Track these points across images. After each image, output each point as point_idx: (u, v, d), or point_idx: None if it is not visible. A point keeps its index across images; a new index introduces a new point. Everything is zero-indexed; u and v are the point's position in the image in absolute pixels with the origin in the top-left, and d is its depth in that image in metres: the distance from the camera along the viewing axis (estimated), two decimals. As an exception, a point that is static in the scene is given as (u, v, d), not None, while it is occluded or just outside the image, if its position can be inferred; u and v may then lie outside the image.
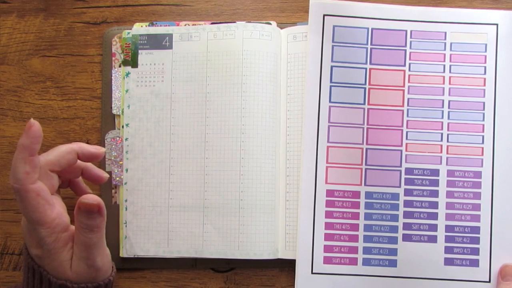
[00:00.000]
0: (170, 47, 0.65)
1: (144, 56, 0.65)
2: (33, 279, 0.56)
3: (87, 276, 0.56)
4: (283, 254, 0.63)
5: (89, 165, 0.61)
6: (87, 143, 0.66)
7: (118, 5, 0.67)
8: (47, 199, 0.54)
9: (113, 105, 0.65)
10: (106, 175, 0.62)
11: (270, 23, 0.65)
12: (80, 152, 0.58)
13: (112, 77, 0.66)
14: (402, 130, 0.63)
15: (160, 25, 0.66)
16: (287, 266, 0.63)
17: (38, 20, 0.68)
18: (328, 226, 0.62)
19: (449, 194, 0.62)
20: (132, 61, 0.65)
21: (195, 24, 0.66)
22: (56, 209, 0.55)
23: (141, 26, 0.66)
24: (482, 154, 0.62)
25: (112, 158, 0.65)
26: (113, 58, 0.66)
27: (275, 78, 0.64)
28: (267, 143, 0.63)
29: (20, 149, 0.52)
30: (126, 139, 0.65)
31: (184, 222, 0.63)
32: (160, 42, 0.65)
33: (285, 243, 0.63)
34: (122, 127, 0.65)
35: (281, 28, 0.65)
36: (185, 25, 0.66)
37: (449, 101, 0.63)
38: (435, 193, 0.62)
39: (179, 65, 0.65)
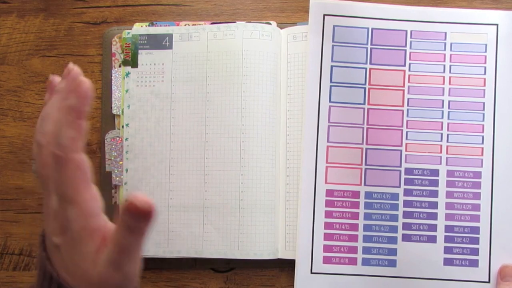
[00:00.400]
0: (170, 47, 0.65)
1: (144, 56, 0.65)
2: (43, 279, 0.46)
3: (113, 282, 0.45)
4: (283, 254, 0.63)
5: None
6: (87, 143, 0.65)
7: (118, 5, 0.67)
8: (85, 175, 0.45)
9: (113, 105, 0.65)
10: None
11: (270, 23, 0.65)
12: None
13: (112, 77, 0.66)
14: (402, 130, 0.63)
15: (160, 25, 0.66)
16: (287, 266, 0.63)
17: (38, 20, 0.68)
18: (327, 226, 0.62)
19: (449, 194, 0.62)
20: (132, 61, 0.65)
21: (195, 24, 0.66)
22: (92, 190, 0.45)
23: (141, 26, 0.66)
24: (482, 154, 0.62)
25: (112, 158, 0.65)
26: (113, 58, 0.66)
27: (275, 78, 0.64)
28: (267, 143, 0.63)
29: (66, 110, 0.43)
30: (126, 139, 0.65)
31: (184, 222, 0.63)
32: (160, 42, 0.65)
33: (285, 243, 0.63)
34: (122, 127, 0.65)
35: (281, 28, 0.65)
36: (185, 25, 0.66)
37: (449, 101, 0.63)
38: (434, 193, 0.62)
39: (179, 65, 0.65)
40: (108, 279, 0.45)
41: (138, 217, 0.44)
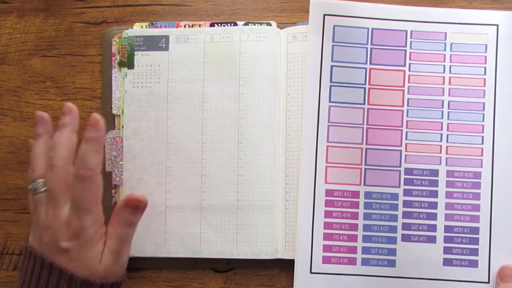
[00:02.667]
0: (167, 48, 0.65)
1: (140, 57, 0.65)
2: (48, 277, 0.56)
3: (113, 270, 0.59)
4: (283, 254, 0.63)
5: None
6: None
7: (118, 5, 0.67)
8: (101, 190, 0.58)
9: (113, 105, 0.65)
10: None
11: (270, 23, 0.65)
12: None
13: (112, 77, 0.66)
14: (401, 130, 0.63)
15: (160, 25, 0.66)
16: (287, 266, 0.63)
17: (38, 20, 0.68)
18: (327, 225, 0.62)
19: (449, 195, 0.62)
20: (128, 62, 0.65)
21: (195, 24, 0.65)
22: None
23: (141, 26, 0.66)
24: (482, 155, 0.62)
25: (112, 158, 0.65)
26: (113, 58, 0.66)
27: (274, 78, 0.64)
28: (265, 143, 0.63)
29: (90, 142, 0.56)
30: (126, 139, 0.65)
31: (181, 223, 0.64)
32: (156, 44, 0.65)
33: (285, 243, 0.63)
34: (122, 127, 0.65)
35: (281, 28, 0.65)
36: (185, 25, 0.66)
37: (449, 102, 0.63)
38: (434, 194, 0.62)
39: (175, 66, 0.65)
40: (111, 269, 0.58)
41: (136, 210, 0.58)
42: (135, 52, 0.65)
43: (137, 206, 0.58)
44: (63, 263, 0.56)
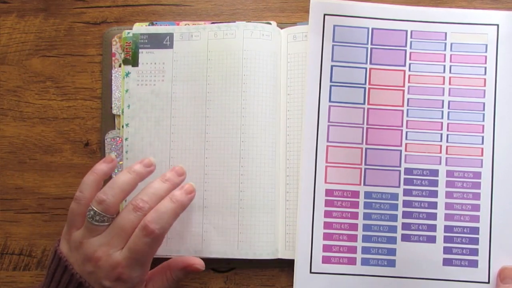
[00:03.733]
0: (171, 46, 0.65)
1: (144, 55, 0.65)
2: None
3: None
4: (283, 254, 0.63)
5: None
6: (87, 143, 0.66)
7: (118, 5, 0.67)
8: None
9: (113, 105, 0.65)
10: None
11: (270, 23, 0.65)
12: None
13: (112, 77, 0.66)
14: (401, 130, 0.63)
15: (160, 25, 0.66)
16: (287, 266, 0.63)
17: (38, 20, 0.68)
18: (327, 225, 0.62)
19: (448, 195, 0.62)
20: (132, 60, 0.65)
21: (195, 24, 0.65)
22: None
23: (141, 26, 0.66)
24: (482, 155, 0.62)
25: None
26: (113, 58, 0.66)
27: (275, 78, 0.64)
28: (267, 142, 0.63)
29: (175, 204, 0.57)
30: (126, 139, 0.65)
31: (183, 222, 0.64)
32: (160, 41, 0.65)
33: (285, 243, 0.63)
34: (122, 127, 0.65)
35: (281, 28, 0.65)
36: (185, 25, 0.66)
37: (449, 102, 0.63)
38: (434, 194, 0.62)
39: (179, 64, 0.65)
40: None
41: (191, 274, 0.61)
42: (140, 50, 0.65)
43: (195, 272, 0.61)
44: None
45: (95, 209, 0.55)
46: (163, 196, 0.57)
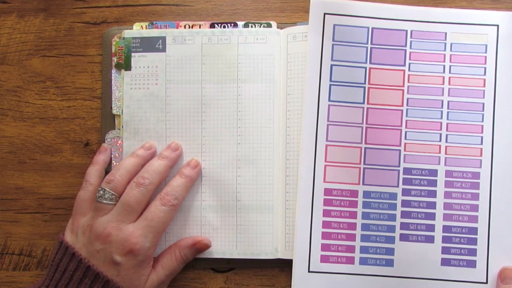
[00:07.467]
0: (164, 49, 0.65)
1: (137, 59, 0.65)
2: (90, 285, 0.58)
3: None
4: (283, 254, 0.63)
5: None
6: (87, 143, 0.66)
7: (118, 5, 0.67)
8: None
9: (113, 105, 0.65)
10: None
11: (270, 23, 0.65)
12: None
13: (112, 77, 0.66)
14: (401, 130, 0.63)
15: (160, 25, 0.66)
16: (287, 266, 0.63)
17: (38, 20, 0.67)
18: (325, 224, 0.63)
19: (447, 195, 0.62)
20: (125, 64, 0.65)
21: (195, 25, 0.65)
22: None
23: (141, 26, 0.66)
24: (481, 155, 0.62)
25: (112, 158, 0.65)
26: (113, 58, 0.66)
27: (272, 79, 0.64)
28: (264, 143, 0.64)
29: (185, 179, 0.63)
30: (126, 139, 0.65)
31: (181, 222, 0.64)
32: (153, 45, 0.65)
33: (285, 243, 0.63)
34: (122, 127, 0.65)
35: (281, 28, 0.65)
36: (185, 25, 0.65)
37: (448, 102, 0.63)
38: (433, 193, 0.62)
39: (173, 67, 0.65)
40: None
41: (199, 252, 0.63)
42: (132, 54, 0.65)
43: (202, 250, 0.63)
44: (110, 275, 0.58)
45: (105, 188, 0.60)
46: (162, 172, 0.62)
